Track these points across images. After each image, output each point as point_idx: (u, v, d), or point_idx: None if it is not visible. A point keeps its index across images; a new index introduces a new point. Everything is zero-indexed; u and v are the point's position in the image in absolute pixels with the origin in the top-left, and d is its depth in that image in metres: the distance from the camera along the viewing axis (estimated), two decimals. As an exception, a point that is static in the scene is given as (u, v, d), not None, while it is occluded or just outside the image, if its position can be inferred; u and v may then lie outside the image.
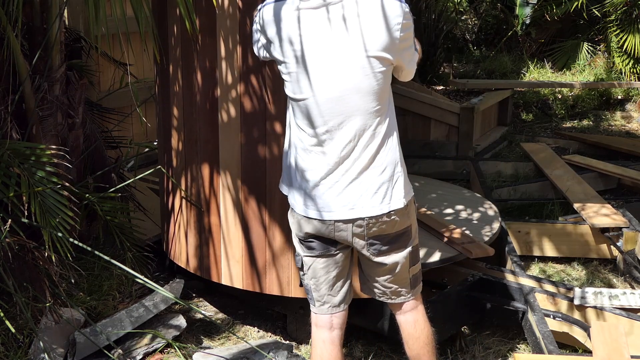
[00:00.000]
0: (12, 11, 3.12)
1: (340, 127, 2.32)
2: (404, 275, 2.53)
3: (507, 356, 3.28)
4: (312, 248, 2.48)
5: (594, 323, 2.97)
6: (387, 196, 2.37)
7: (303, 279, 2.58)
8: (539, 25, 9.02)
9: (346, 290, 2.58)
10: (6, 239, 2.86)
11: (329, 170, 2.36)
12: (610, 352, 2.70)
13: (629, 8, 8.05)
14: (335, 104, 2.30)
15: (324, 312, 2.57)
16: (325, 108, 2.31)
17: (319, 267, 2.50)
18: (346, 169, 2.35)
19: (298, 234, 2.51)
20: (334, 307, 2.57)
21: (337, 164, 2.35)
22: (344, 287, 2.57)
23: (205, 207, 3.30)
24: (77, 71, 3.97)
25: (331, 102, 2.30)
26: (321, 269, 2.51)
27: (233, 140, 3.13)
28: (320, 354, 2.56)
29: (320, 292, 2.54)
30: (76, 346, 3.03)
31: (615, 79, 8.20)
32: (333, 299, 2.55)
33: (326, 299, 2.55)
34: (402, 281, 2.54)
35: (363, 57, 2.27)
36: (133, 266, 3.60)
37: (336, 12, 2.26)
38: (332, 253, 2.48)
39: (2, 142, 3.03)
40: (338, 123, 2.32)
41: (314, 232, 2.44)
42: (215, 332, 3.47)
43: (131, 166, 4.67)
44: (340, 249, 2.49)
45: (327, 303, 2.56)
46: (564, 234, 4.28)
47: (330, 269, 2.51)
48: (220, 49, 3.07)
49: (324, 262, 2.49)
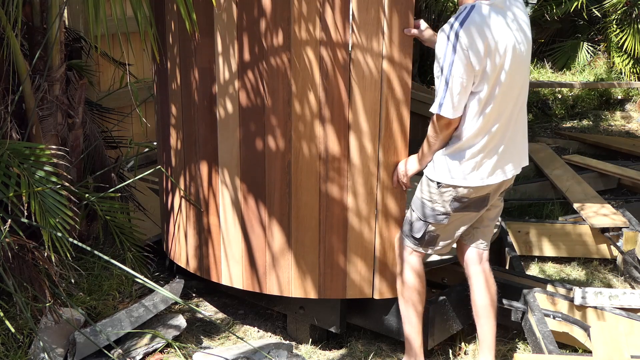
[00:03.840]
0: (12, 11, 3.12)
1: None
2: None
3: (507, 356, 3.28)
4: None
5: (594, 323, 2.98)
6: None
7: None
8: (539, 25, 9.01)
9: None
10: (6, 239, 2.86)
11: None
12: (610, 352, 2.70)
13: (628, 8, 8.05)
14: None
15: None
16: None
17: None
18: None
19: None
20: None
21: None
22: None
23: (205, 207, 3.30)
24: (77, 71, 3.97)
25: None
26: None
27: (231, 138, 3.13)
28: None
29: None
30: (76, 346, 3.03)
31: (615, 79, 8.20)
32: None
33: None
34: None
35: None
36: (133, 266, 3.60)
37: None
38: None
39: (2, 142, 3.03)
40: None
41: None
42: (215, 332, 3.47)
43: (131, 166, 4.67)
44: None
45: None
46: (564, 234, 4.28)
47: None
48: (217, 45, 3.07)
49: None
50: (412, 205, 2.98)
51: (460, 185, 2.82)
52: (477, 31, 2.62)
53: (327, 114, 2.97)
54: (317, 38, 2.91)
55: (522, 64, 2.76)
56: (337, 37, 2.90)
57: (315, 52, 2.92)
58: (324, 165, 3.02)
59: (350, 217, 3.07)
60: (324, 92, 2.95)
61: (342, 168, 3.02)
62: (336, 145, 3.00)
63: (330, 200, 3.05)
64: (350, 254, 3.10)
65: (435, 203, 2.87)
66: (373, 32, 2.89)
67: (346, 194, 3.05)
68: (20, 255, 3.04)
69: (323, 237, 3.09)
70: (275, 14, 2.92)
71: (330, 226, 3.08)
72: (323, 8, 2.87)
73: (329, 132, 2.99)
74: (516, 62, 2.71)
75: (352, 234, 3.08)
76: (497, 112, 2.74)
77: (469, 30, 2.61)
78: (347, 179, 3.03)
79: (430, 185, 2.88)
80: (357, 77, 2.93)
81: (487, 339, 3.02)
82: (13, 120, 3.35)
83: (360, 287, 3.14)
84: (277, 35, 2.94)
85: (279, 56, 2.95)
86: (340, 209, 3.06)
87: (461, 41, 2.61)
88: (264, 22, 2.95)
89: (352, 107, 2.95)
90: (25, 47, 3.61)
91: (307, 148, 3.01)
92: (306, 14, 2.89)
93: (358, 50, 2.91)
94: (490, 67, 2.65)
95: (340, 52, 2.91)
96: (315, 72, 2.94)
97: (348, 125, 2.98)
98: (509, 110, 2.77)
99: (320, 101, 2.96)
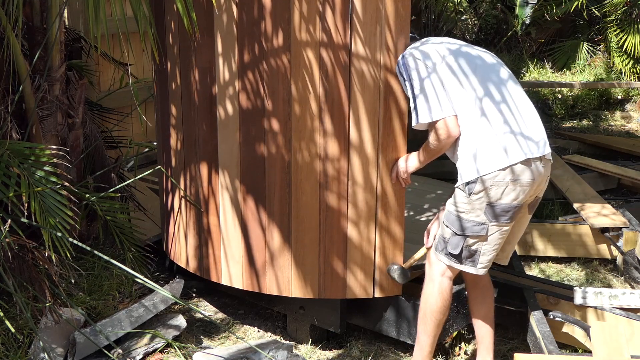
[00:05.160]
0: (12, 11, 3.12)
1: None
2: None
3: (507, 356, 3.28)
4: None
5: (594, 323, 2.98)
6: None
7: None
8: (539, 25, 9.01)
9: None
10: (6, 239, 2.86)
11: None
12: (610, 352, 2.70)
13: (628, 8, 8.05)
14: None
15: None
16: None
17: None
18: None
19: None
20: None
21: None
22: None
23: (205, 207, 3.30)
24: (77, 71, 3.97)
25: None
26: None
27: (231, 139, 3.13)
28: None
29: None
30: (76, 346, 3.03)
31: (615, 79, 8.20)
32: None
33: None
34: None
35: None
36: (133, 266, 3.60)
37: None
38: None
39: (2, 142, 3.03)
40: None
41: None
42: (215, 332, 3.47)
43: (131, 166, 4.67)
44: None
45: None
46: (564, 234, 4.28)
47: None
48: (217, 45, 3.07)
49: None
50: (444, 222, 2.88)
51: (488, 172, 2.72)
52: (425, 47, 2.88)
53: (327, 114, 2.97)
54: (317, 39, 2.91)
55: (481, 54, 2.90)
56: (337, 37, 2.90)
57: (315, 53, 2.92)
58: (323, 166, 3.02)
59: (350, 217, 3.07)
60: (323, 92, 2.96)
61: (341, 168, 3.02)
62: (336, 145, 3.00)
63: (330, 201, 3.05)
64: (350, 254, 3.10)
65: (469, 213, 2.80)
66: (373, 32, 2.89)
67: (346, 194, 3.05)
68: (20, 255, 3.04)
69: (323, 237, 3.09)
70: (275, 15, 2.92)
71: (330, 226, 3.08)
72: (323, 8, 2.87)
73: (328, 132, 2.99)
74: (473, 53, 2.88)
75: (352, 233, 3.08)
76: (479, 98, 2.75)
77: (417, 49, 2.87)
78: (347, 178, 3.03)
79: (462, 195, 2.81)
80: (357, 77, 2.93)
81: (485, 340, 3.02)
82: (13, 120, 3.35)
83: (360, 287, 3.14)
84: (277, 36, 2.94)
85: (279, 57, 2.95)
86: (340, 209, 3.06)
87: (414, 54, 2.84)
88: (264, 23, 2.95)
89: (351, 107, 2.95)
90: (25, 47, 3.61)
91: (307, 148, 3.01)
92: (306, 14, 2.89)
93: (358, 51, 2.91)
94: (449, 61, 2.77)
95: (340, 53, 2.91)
96: (315, 72, 2.94)
97: (348, 125, 2.98)
98: (495, 94, 2.77)
99: (320, 101, 2.96)
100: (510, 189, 2.74)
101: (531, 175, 2.74)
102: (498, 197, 2.75)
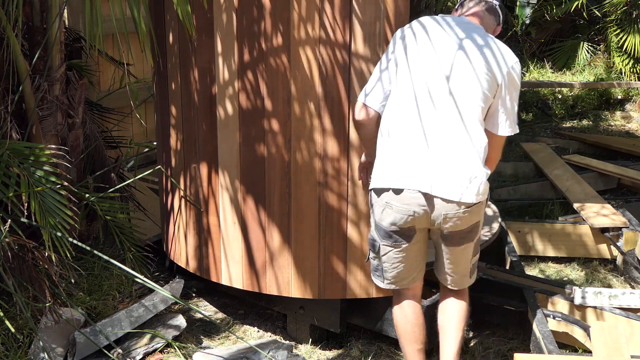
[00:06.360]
0: (12, 11, 3.12)
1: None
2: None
3: (507, 356, 3.28)
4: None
5: (594, 323, 2.97)
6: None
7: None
8: (539, 25, 9.01)
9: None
10: (6, 239, 2.86)
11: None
12: (610, 352, 2.70)
13: (628, 8, 8.05)
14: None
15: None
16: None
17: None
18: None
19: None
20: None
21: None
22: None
23: (205, 207, 3.30)
24: (77, 71, 3.97)
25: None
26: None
27: (231, 139, 3.13)
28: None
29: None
30: (76, 346, 3.03)
31: (615, 79, 8.20)
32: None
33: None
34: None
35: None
36: (133, 266, 3.60)
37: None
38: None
39: (1, 142, 3.03)
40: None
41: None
42: (215, 332, 3.47)
43: (131, 166, 4.67)
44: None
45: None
46: (564, 234, 4.28)
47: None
48: (217, 45, 3.07)
49: None
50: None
51: (373, 186, 2.63)
52: (411, 26, 2.72)
53: (327, 114, 2.97)
54: (317, 38, 2.91)
55: (464, 75, 2.58)
56: (337, 37, 2.90)
57: (315, 52, 2.92)
58: (323, 165, 3.02)
59: (350, 217, 3.07)
60: (323, 92, 2.95)
61: (341, 168, 3.02)
62: (336, 145, 3.00)
63: (330, 200, 3.05)
64: (350, 254, 3.10)
65: (371, 226, 2.76)
66: (372, 30, 2.89)
67: (346, 194, 3.05)
68: (20, 255, 3.04)
69: (323, 237, 3.09)
70: (274, 14, 2.92)
71: (330, 226, 3.08)
72: (323, 8, 2.87)
73: (328, 131, 2.99)
74: (444, 50, 2.63)
75: (352, 233, 3.08)
76: (408, 111, 2.59)
77: (409, 25, 2.72)
78: (347, 178, 3.03)
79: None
80: (356, 76, 2.93)
81: (444, 351, 2.82)
82: (13, 120, 3.35)
83: (360, 287, 3.14)
84: (276, 36, 2.94)
85: (278, 56, 2.95)
86: (340, 209, 3.06)
87: (398, 31, 2.73)
88: (263, 22, 2.95)
89: (351, 106, 2.95)
90: (25, 47, 3.61)
91: (307, 148, 3.01)
92: (305, 14, 2.89)
93: (358, 49, 2.91)
94: (405, 57, 2.63)
95: (340, 52, 2.91)
96: (314, 72, 2.94)
97: (348, 125, 2.98)
98: (430, 116, 2.57)
99: (320, 101, 2.96)
100: (388, 212, 2.62)
101: (409, 208, 2.56)
102: (379, 217, 2.66)
